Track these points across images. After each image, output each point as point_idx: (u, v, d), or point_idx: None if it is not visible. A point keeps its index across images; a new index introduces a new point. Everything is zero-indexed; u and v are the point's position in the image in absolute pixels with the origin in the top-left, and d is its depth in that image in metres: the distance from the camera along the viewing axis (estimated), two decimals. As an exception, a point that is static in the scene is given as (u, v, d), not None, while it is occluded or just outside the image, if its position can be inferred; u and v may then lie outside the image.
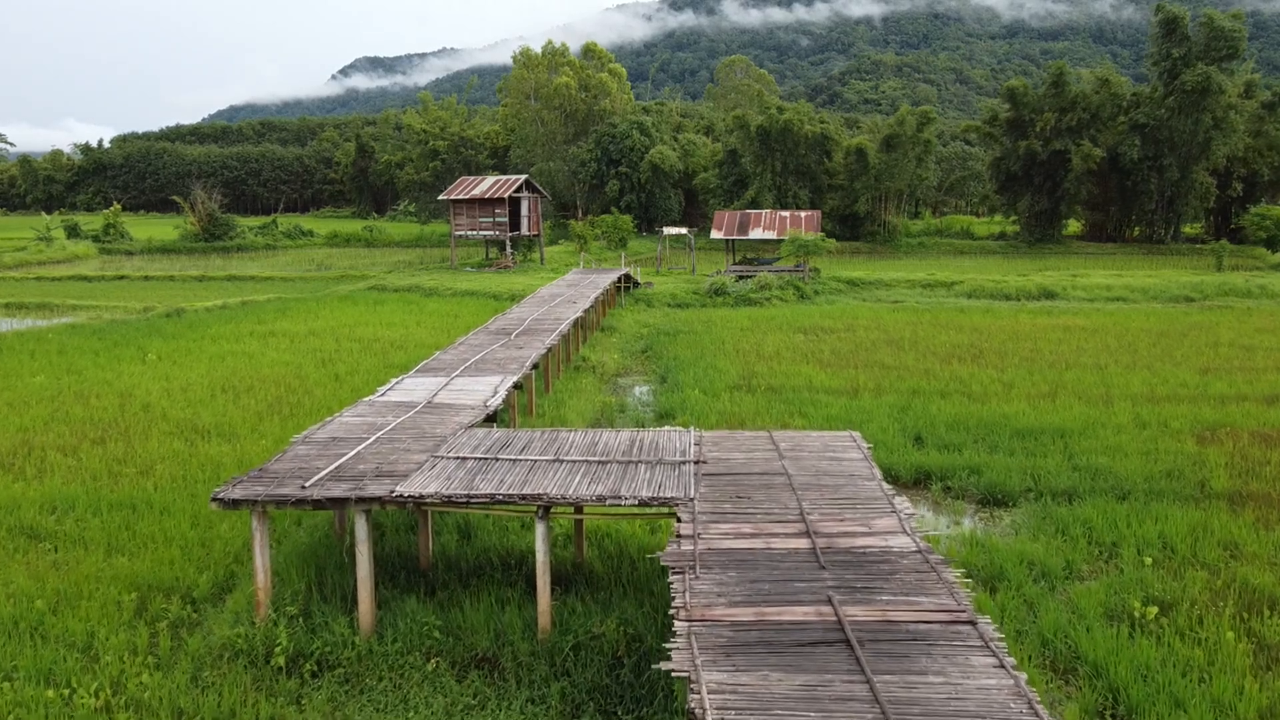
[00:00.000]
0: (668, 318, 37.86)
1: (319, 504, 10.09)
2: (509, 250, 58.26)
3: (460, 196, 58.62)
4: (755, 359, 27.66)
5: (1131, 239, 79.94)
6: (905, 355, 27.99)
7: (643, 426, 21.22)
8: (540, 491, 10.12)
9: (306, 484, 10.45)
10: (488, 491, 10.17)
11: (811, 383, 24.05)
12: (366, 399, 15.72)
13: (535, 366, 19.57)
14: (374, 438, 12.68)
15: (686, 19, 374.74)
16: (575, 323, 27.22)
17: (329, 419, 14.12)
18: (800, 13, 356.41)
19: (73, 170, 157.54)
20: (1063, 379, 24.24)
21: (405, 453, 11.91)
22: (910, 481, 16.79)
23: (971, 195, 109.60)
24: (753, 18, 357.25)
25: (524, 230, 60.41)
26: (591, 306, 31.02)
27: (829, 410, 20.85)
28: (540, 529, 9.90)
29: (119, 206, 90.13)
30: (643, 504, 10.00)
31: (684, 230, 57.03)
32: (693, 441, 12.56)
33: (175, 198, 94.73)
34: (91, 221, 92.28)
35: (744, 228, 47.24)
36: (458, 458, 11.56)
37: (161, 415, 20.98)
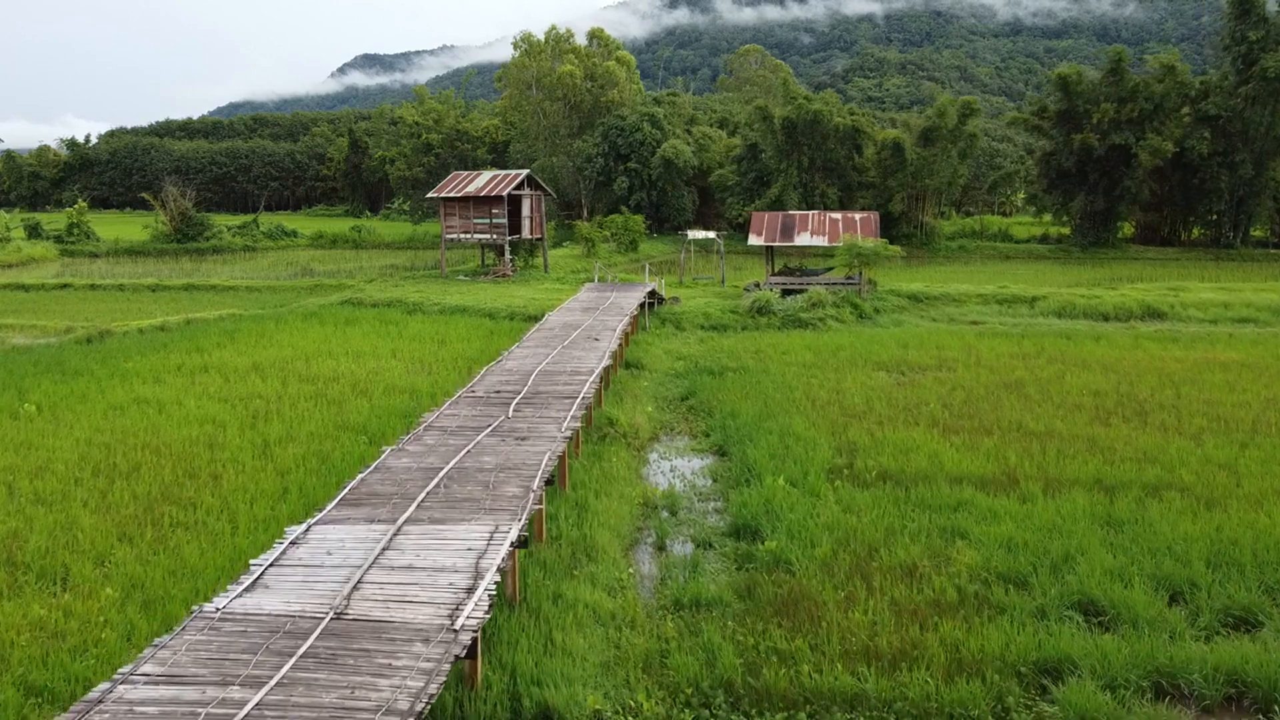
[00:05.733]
0: (706, 346, 30.41)
1: None
2: (508, 256, 50.55)
3: (452, 194, 50.50)
4: (841, 416, 20.31)
5: (1190, 241, 72.49)
6: (1042, 411, 20.66)
7: (710, 546, 13.93)
8: None
9: None
10: None
11: (941, 463, 16.74)
12: (213, 606, 7.83)
13: (550, 481, 11.89)
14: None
15: (681, 16, 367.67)
16: (601, 374, 19.76)
17: (107, 689, 6.46)
18: (795, 10, 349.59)
19: (59, 166, 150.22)
20: (1296, 457, 16.93)
21: None
22: (1214, 704, 9.47)
23: (1000, 194, 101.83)
24: (747, 15, 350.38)
25: (525, 233, 52.33)
26: (619, 345, 23.54)
27: (999, 528, 13.51)
28: None
29: (84, 204, 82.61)
30: None
31: (711, 234, 49.35)
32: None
33: (145, 195, 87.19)
34: (56, 220, 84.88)
35: (788, 232, 39.73)
36: None
37: (-25, 527, 13.72)
